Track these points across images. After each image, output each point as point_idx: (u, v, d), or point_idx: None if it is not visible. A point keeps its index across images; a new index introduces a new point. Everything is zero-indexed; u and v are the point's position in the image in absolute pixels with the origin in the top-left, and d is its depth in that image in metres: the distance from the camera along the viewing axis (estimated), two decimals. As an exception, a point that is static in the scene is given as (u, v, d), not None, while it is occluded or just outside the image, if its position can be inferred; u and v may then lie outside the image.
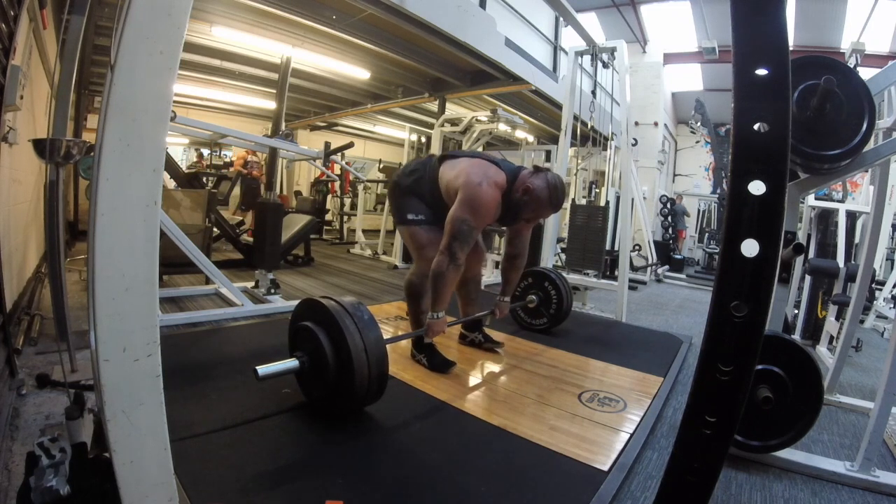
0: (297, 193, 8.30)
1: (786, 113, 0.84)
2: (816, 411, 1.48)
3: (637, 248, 6.52)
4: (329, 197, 7.74)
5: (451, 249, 1.87)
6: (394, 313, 3.08)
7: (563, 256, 4.14)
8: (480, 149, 5.35)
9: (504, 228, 2.36)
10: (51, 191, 1.86)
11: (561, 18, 5.42)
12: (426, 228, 2.11)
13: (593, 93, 5.01)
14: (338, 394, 1.53)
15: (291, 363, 1.55)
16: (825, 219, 3.71)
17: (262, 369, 1.45)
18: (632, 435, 1.65)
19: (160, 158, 0.79)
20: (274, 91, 4.71)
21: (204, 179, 5.14)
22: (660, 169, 9.87)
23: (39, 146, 1.74)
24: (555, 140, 5.26)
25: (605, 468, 1.43)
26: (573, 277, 3.84)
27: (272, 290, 3.20)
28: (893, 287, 4.32)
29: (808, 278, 3.44)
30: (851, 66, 2.66)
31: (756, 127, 0.84)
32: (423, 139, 6.01)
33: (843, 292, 2.88)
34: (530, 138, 7.06)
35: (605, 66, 3.66)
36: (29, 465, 1.04)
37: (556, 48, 5.72)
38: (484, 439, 1.57)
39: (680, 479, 0.90)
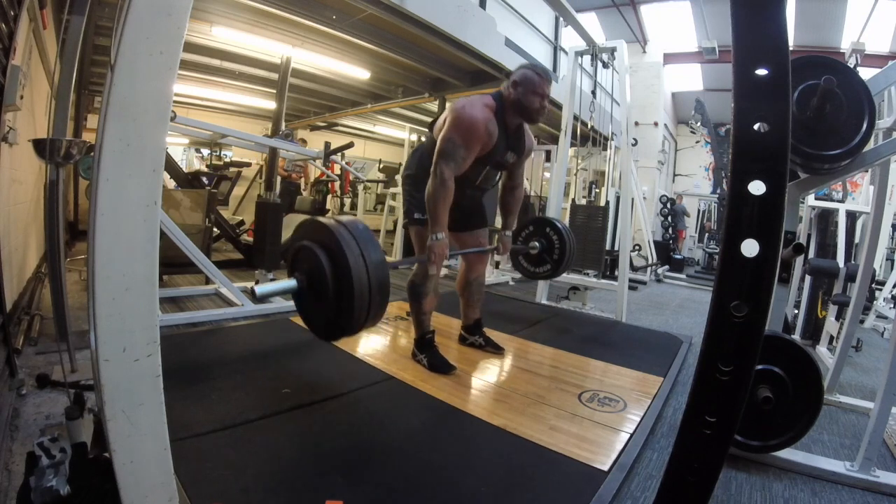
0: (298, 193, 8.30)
1: (786, 113, 0.84)
2: (816, 411, 1.47)
3: (637, 248, 6.52)
4: (329, 197, 7.73)
5: (438, 168, 1.85)
6: (393, 313, 3.08)
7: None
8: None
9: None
10: (51, 191, 1.86)
11: (561, 18, 5.42)
12: None
13: (593, 93, 5.01)
14: (338, 311, 1.41)
15: (289, 283, 1.45)
16: (825, 219, 3.71)
17: (260, 288, 1.37)
18: (632, 435, 1.65)
19: (160, 158, 0.79)
20: (274, 91, 4.70)
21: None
22: (660, 169, 9.87)
23: (39, 146, 1.73)
24: (555, 140, 5.25)
25: (605, 468, 1.43)
26: (573, 277, 3.84)
27: (272, 290, 3.19)
28: (893, 287, 4.33)
29: (808, 278, 3.44)
30: (851, 66, 2.66)
31: (756, 127, 0.84)
32: (423, 139, 6.00)
33: (843, 292, 2.88)
34: (530, 138, 7.05)
35: (605, 66, 3.66)
36: (29, 465, 1.04)
37: (556, 48, 5.72)
38: (484, 439, 1.57)
39: (680, 479, 0.90)
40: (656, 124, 9.46)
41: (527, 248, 2.73)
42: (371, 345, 2.47)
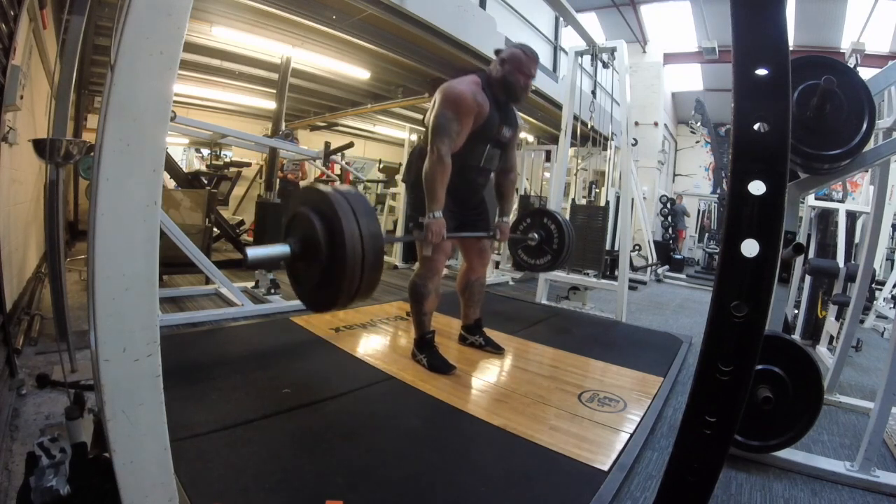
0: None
1: (786, 113, 0.84)
2: (816, 411, 1.48)
3: (637, 248, 6.52)
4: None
5: (434, 146, 1.88)
6: (393, 313, 3.08)
7: (563, 256, 4.13)
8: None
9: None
10: (51, 191, 1.86)
11: (561, 18, 5.42)
12: None
13: (593, 93, 5.01)
14: (329, 277, 1.37)
15: (282, 248, 1.42)
16: (825, 219, 3.71)
17: (252, 251, 1.35)
18: (632, 435, 1.65)
19: (160, 158, 0.79)
20: (274, 91, 4.70)
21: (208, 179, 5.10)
22: (660, 169, 9.87)
23: (39, 146, 1.74)
24: (555, 140, 5.25)
25: (605, 468, 1.43)
26: (573, 277, 3.84)
27: (272, 290, 3.20)
28: (893, 287, 4.33)
29: (808, 278, 3.44)
30: (851, 66, 2.66)
31: (756, 127, 0.84)
32: (421, 138, 6.00)
33: (843, 292, 2.88)
34: (530, 138, 7.04)
35: (605, 66, 3.66)
36: (29, 465, 1.04)
37: (556, 48, 5.72)
38: (484, 439, 1.57)
39: (680, 479, 0.90)
40: (656, 124, 9.46)
41: (526, 238, 2.69)
42: (371, 345, 2.47)
